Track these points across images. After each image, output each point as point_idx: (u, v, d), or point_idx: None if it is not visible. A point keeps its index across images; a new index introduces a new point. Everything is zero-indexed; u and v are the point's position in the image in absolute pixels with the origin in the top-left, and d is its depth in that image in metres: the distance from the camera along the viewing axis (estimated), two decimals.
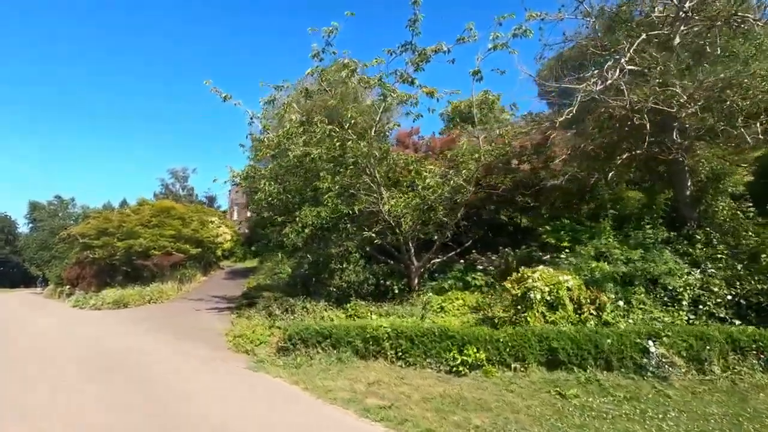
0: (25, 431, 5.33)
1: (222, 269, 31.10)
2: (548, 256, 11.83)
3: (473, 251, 13.52)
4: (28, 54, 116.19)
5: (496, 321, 8.44)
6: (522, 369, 6.72)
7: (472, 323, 9.81)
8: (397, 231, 12.35)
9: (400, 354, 7.46)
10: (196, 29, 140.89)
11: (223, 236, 29.17)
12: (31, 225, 49.26)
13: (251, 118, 12.96)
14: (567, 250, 11.24)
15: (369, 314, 11.87)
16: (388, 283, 13.34)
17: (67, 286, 27.18)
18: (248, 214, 46.92)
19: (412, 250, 13.08)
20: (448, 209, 12.19)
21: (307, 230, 11.31)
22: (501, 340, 6.78)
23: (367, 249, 13.64)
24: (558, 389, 5.95)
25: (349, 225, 11.81)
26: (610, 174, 10.04)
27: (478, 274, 12.29)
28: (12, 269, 54.99)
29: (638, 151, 10.36)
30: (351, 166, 10.68)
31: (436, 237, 13.00)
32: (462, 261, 13.77)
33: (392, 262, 13.50)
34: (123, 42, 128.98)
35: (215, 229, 28.15)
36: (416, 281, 13.14)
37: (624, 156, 10.34)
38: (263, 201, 13.58)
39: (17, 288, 47.35)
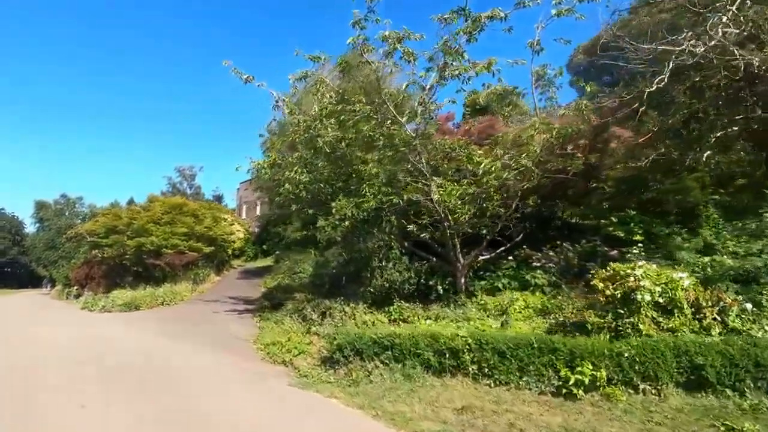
0: None
1: (234, 269, 29.82)
2: (615, 252, 10.42)
3: (524, 247, 12.09)
4: (29, 53, 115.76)
5: (589, 328, 6.98)
6: (654, 391, 5.27)
7: (544, 329, 8.40)
8: (445, 224, 10.94)
9: (486, 370, 6.02)
10: (195, 29, 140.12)
11: (236, 234, 27.86)
12: (37, 225, 48.32)
13: (276, 102, 11.63)
14: (639, 244, 9.89)
15: (416, 318, 10.48)
16: (430, 282, 11.92)
17: (75, 287, 26.02)
18: (258, 212, 45.75)
19: (458, 246, 11.66)
20: (503, 199, 10.75)
21: (347, 222, 9.90)
22: (625, 354, 5.33)
23: (405, 245, 12.22)
24: (723, 421, 4.50)
25: (393, 217, 10.38)
26: (706, 154, 8.55)
27: (538, 272, 10.85)
28: (19, 270, 54.20)
29: (734, 128, 8.89)
30: (402, 149, 9.27)
31: (484, 231, 11.52)
32: (509, 258, 12.30)
33: (434, 259, 12.07)
34: (123, 42, 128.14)
35: (228, 226, 26.84)
36: (463, 281, 11.69)
37: (718, 134, 8.86)
38: (290, 193, 12.20)
39: (24, 288, 46.44)
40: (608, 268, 7.74)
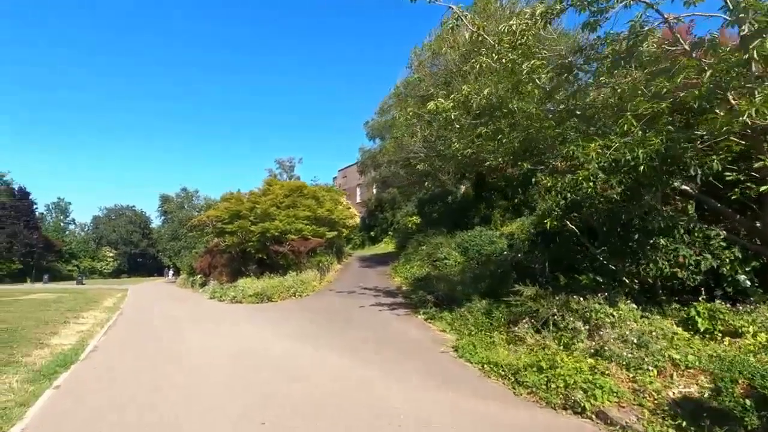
0: None
1: (350, 255, 27.62)
2: None
3: None
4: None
5: None
6: None
7: None
8: None
9: None
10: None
11: (353, 218, 25.44)
12: (162, 217, 51.86)
13: (456, 20, 8.00)
14: None
15: (749, 326, 6.15)
16: (722, 270, 7.49)
17: (199, 275, 25.70)
18: (358, 198, 43.71)
19: None
20: None
21: (639, 168, 5.81)
22: None
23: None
24: None
25: (715, 160, 5.93)
26: None
27: None
28: (149, 260, 59.67)
29: None
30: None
31: None
32: None
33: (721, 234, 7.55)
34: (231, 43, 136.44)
35: (346, 210, 24.43)
36: None
37: None
38: (487, 141, 8.52)
39: (151, 276, 50.44)
40: None
